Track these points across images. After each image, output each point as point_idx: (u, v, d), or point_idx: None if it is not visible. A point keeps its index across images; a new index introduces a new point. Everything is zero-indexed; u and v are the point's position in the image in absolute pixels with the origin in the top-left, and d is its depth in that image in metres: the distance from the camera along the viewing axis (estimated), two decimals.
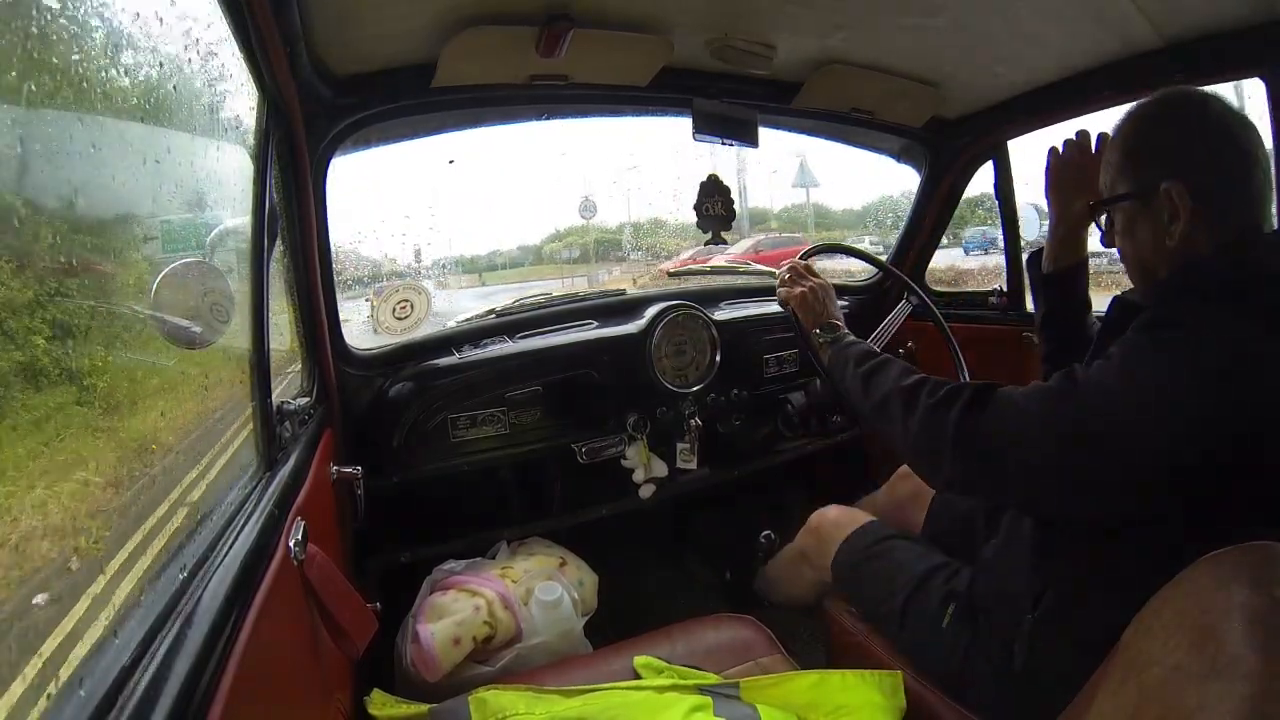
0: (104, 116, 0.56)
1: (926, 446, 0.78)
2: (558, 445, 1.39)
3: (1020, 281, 1.63)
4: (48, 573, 0.47)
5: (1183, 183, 0.71)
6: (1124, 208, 0.78)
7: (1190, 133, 0.73)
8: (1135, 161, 0.76)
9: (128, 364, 0.67)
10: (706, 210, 1.51)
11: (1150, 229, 0.75)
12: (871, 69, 1.35)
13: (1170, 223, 0.72)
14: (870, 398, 0.89)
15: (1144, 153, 0.76)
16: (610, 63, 1.21)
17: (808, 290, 1.13)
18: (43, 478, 0.49)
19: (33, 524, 0.47)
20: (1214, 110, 0.73)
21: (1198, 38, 1.09)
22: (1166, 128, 0.75)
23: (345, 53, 1.05)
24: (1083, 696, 0.60)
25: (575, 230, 4.22)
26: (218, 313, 0.75)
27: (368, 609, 0.85)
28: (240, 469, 0.79)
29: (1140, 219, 0.76)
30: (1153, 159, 0.74)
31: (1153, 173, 0.73)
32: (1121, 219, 0.79)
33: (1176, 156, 0.73)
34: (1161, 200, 0.72)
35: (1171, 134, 0.75)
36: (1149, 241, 0.75)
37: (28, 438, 0.49)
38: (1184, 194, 0.71)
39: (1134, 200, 0.76)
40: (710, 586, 1.67)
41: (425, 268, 1.81)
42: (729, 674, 0.98)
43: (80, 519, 0.51)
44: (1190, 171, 0.71)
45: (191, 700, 0.43)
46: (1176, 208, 0.71)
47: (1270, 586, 0.46)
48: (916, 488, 1.25)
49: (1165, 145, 0.74)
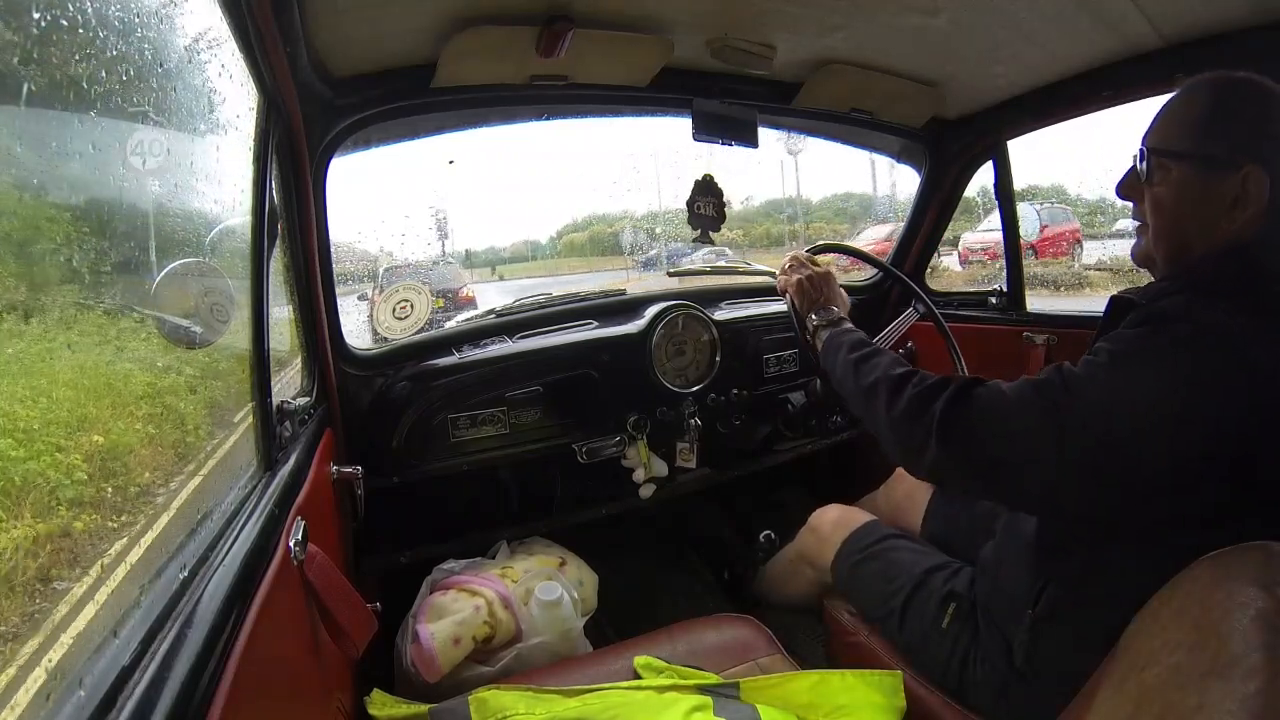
0: (104, 117, 0.56)
1: (909, 433, 0.76)
2: (558, 445, 1.39)
3: (1020, 281, 1.64)
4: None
5: (1265, 171, 0.68)
6: (1182, 168, 0.72)
7: (1276, 121, 0.69)
8: (1213, 131, 0.71)
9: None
10: (698, 209, 1.50)
11: (1208, 202, 0.71)
12: (871, 69, 1.35)
13: (1234, 206, 0.69)
14: (859, 384, 0.88)
15: (1225, 125, 0.71)
16: (610, 63, 1.21)
17: (804, 279, 1.12)
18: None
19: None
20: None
21: (1198, 38, 1.09)
22: (1255, 109, 0.70)
23: (345, 53, 1.05)
24: (1083, 696, 0.60)
25: (598, 219, 4.13)
26: (218, 313, 0.75)
27: (368, 609, 0.85)
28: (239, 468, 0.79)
29: (1198, 187, 0.71)
30: (1236, 135, 0.70)
31: (1234, 150, 0.69)
32: (1175, 178, 0.73)
33: (1265, 142, 0.69)
34: (1235, 180, 0.69)
35: (1261, 117, 0.70)
36: (1200, 215, 0.71)
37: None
38: (1263, 182, 0.68)
39: (1200, 166, 0.71)
40: (710, 586, 1.67)
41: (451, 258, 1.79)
42: (729, 674, 0.98)
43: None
44: (1276, 163, 0.68)
45: (191, 700, 0.43)
46: (1250, 194, 0.68)
47: (1270, 586, 0.46)
48: (915, 487, 1.25)
49: (1254, 127, 0.70)
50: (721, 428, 1.54)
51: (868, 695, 0.90)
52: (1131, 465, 0.64)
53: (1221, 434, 0.62)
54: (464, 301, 3.29)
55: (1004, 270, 1.67)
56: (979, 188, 1.74)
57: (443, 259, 4.70)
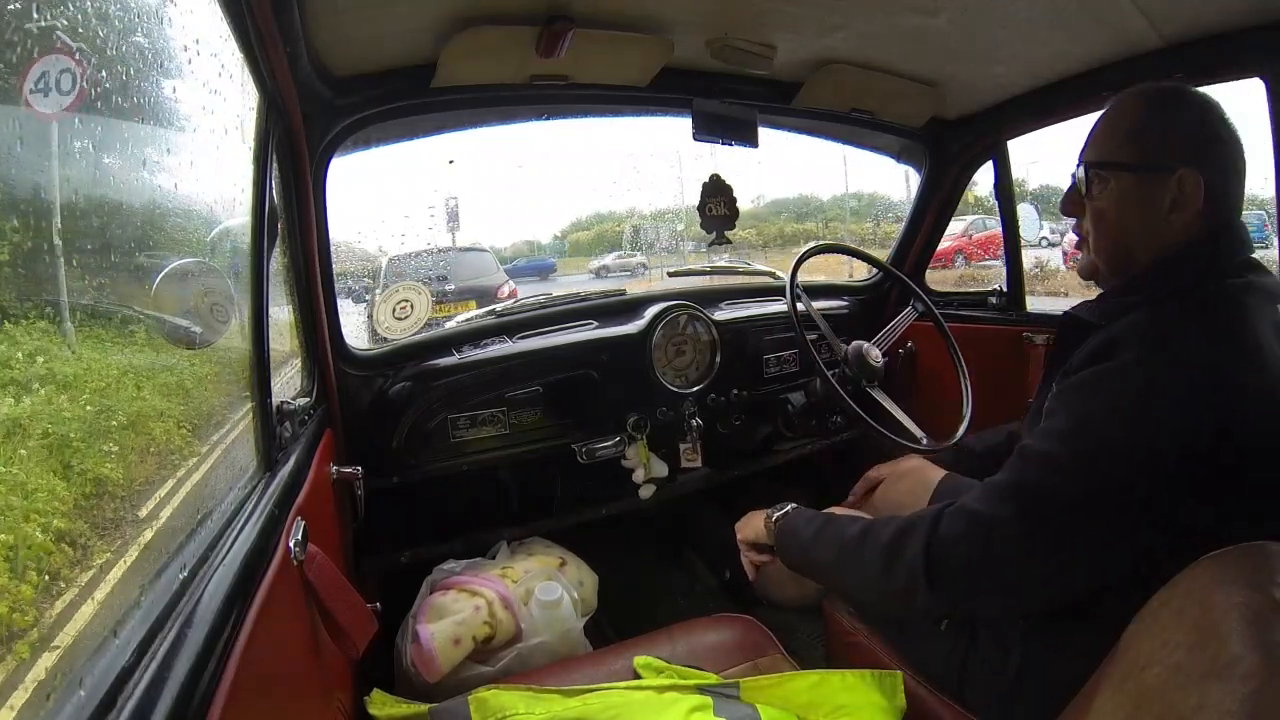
0: (103, 116, 0.56)
1: (895, 587, 0.75)
2: (558, 445, 1.39)
3: (1020, 281, 1.64)
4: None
5: (1199, 173, 0.71)
6: (1120, 178, 0.76)
7: (1209, 127, 0.73)
8: (1148, 141, 0.75)
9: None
10: (709, 210, 1.51)
11: (1146, 209, 0.74)
12: (871, 69, 1.35)
13: (1172, 209, 0.72)
14: (824, 559, 0.86)
15: (1160, 133, 0.74)
16: (610, 63, 1.21)
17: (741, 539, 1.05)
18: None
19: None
20: (1216, 108, 0.74)
21: (1198, 38, 1.09)
22: (1185, 114, 0.74)
23: (345, 53, 1.05)
24: (1082, 697, 0.60)
25: (605, 218, 4.10)
26: (218, 313, 0.75)
27: (368, 609, 0.85)
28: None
29: (1136, 195, 0.75)
30: (1169, 143, 0.73)
31: (1168, 156, 0.72)
32: (1113, 189, 0.77)
33: (1198, 147, 0.72)
34: (1170, 185, 0.72)
35: (1191, 123, 0.74)
36: (1139, 221, 0.75)
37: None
38: (1199, 185, 0.71)
39: (1137, 174, 0.75)
40: (710, 586, 1.67)
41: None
42: (729, 674, 0.98)
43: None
44: (1205, 163, 0.71)
45: (191, 700, 0.43)
46: (1187, 197, 0.71)
47: (1270, 586, 0.46)
48: (915, 488, 1.25)
49: (1184, 133, 0.73)
50: (721, 428, 1.54)
51: (868, 695, 0.90)
52: (1122, 505, 0.65)
53: (1201, 443, 0.63)
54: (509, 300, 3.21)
55: (1003, 270, 1.67)
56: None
57: (472, 246, 4.45)
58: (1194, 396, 0.63)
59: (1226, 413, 0.63)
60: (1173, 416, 0.63)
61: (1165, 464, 0.63)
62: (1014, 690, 0.81)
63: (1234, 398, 0.63)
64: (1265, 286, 0.71)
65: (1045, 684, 0.76)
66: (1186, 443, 0.63)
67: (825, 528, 0.87)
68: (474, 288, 4.22)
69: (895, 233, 1.90)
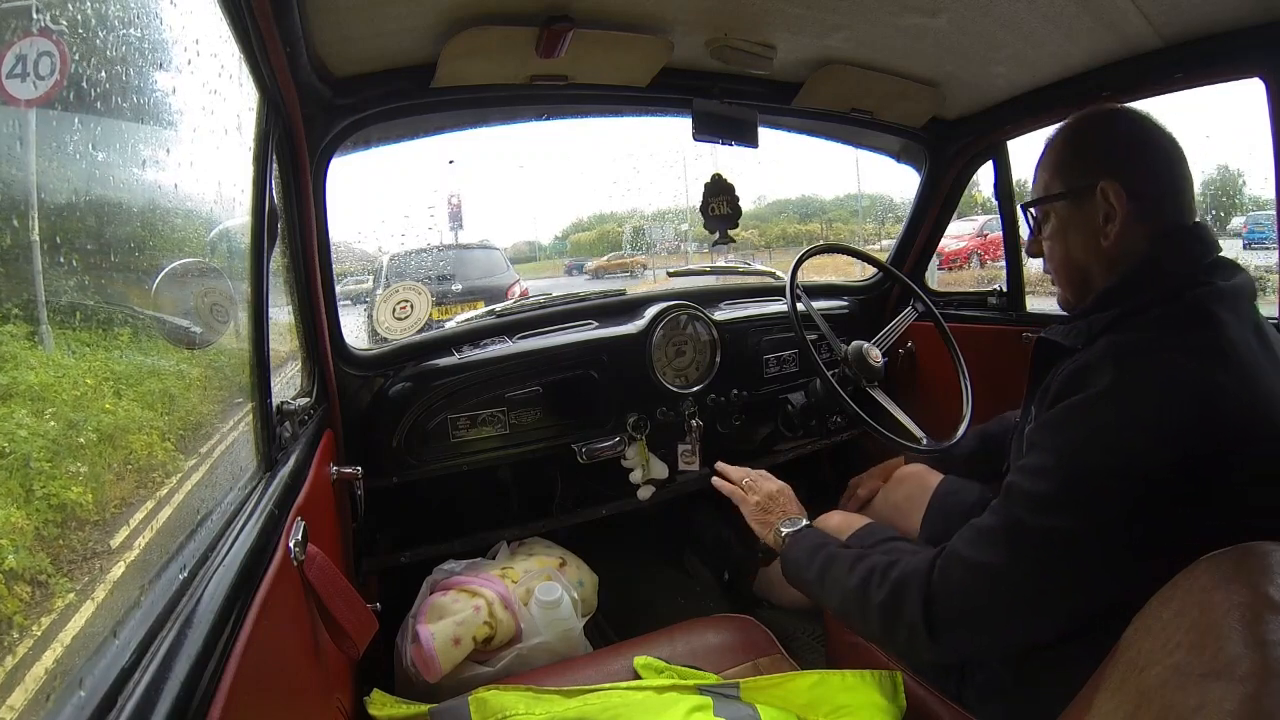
0: (102, 116, 0.56)
1: (899, 641, 0.77)
2: (557, 445, 1.39)
3: (1020, 281, 1.64)
4: None
5: (1118, 181, 0.74)
6: (1057, 210, 0.80)
7: (1116, 137, 0.78)
8: (1068, 167, 0.80)
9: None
10: (712, 210, 1.51)
11: (1085, 230, 0.78)
12: (871, 69, 1.35)
13: (1106, 222, 0.76)
14: (828, 603, 0.88)
15: (1076, 159, 0.79)
16: (610, 63, 1.21)
17: (761, 499, 1.08)
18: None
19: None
20: (1130, 117, 0.78)
21: (1198, 38, 1.09)
22: (1095, 134, 0.80)
23: (345, 53, 1.05)
24: (1082, 696, 0.60)
25: (607, 218, 4.03)
26: (218, 313, 0.75)
27: (368, 609, 0.85)
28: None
29: (1074, 220, 0.79)
30: (1086, 163, 0.78)
31: (1087, 175, 0.77)
32: (1055, 222, 0.81)
33: (1109, 158, 0.77)
34: (1098, 200, 0.75)
35: (1101, 139, 0.79)
36: (1083, 243, 0.78)
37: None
38: (1120, 192, 0.74)
39: (1069, 200, 0.79)
40: (710, 586, 1.66)
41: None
42: (729, 674, 0.98)
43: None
44: (1123, 171, 0.75)
45: (191, 700, 0.43)
46: (1113, 207, 0.75)
47: (1269, 586, 0.46)
48: (915, 489, 1.25)
49: (1097, 150, 0.78)
50: (721, 428, 1.54)
51: (868, 695, 0.90)
52: (1116, 528, 0.65)
53: (1184, 456, 0.63)
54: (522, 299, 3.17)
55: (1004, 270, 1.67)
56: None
57: (480, 243, 4.26)
58: (1171, 413, 0.64)
59: (1209, 424, 0.63)
60: (1153, 435, 0.64)
61: (1151, 481, 0.63)
62: (1013, 690, 0.81)
63: (1215, 406, 0.63)
64: (1234, 288, 0.72)
65: (1045, 684, 0.76)
66: (1170, 459, 0.63)
67: (828, 570, 0.87)
68: (482, 287, 4.02)
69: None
